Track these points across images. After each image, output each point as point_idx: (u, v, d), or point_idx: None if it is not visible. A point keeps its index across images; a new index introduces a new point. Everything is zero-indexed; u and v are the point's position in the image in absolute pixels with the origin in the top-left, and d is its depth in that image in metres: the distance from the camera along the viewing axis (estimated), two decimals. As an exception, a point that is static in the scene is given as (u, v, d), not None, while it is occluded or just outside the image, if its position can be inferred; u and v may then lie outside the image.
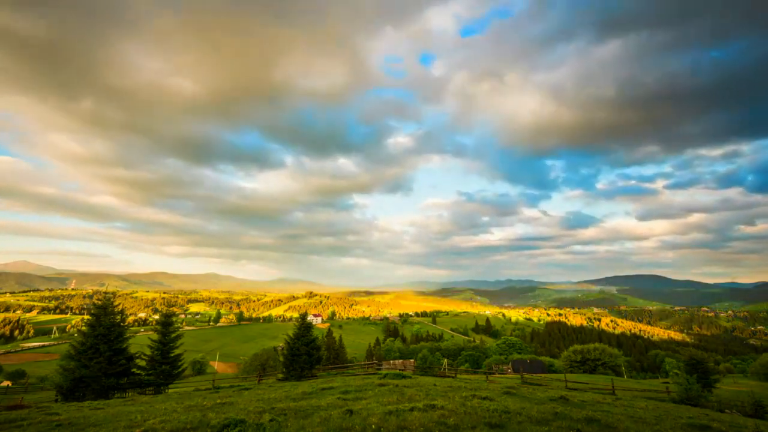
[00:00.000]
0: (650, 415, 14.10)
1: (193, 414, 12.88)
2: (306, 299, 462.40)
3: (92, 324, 28.14)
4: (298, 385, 25.17)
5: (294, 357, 34.41)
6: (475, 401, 13.79)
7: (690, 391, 23.70)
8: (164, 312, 33.82)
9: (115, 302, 30.43)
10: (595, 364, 66.51)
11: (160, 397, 22.85)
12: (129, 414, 14.20)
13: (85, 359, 26.31)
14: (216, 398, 18.32)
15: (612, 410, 14.50)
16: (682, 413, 16.18)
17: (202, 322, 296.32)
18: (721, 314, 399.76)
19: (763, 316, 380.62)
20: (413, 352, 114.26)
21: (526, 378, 34.40)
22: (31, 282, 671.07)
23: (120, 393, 27.94)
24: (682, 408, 19.51)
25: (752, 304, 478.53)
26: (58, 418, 13.66)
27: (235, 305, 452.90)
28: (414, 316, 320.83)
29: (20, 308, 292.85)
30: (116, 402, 20.54)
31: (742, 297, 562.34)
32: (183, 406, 15.62)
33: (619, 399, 20.88)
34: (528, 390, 20.12)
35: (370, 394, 15.99)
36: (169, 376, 30.63)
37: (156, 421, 11.75)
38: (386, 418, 10.94)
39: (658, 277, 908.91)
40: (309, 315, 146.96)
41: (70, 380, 25.46)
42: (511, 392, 17.94)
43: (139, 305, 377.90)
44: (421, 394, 15.82)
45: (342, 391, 17.57)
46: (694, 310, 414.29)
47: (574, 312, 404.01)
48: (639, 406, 17.08)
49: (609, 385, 30.86)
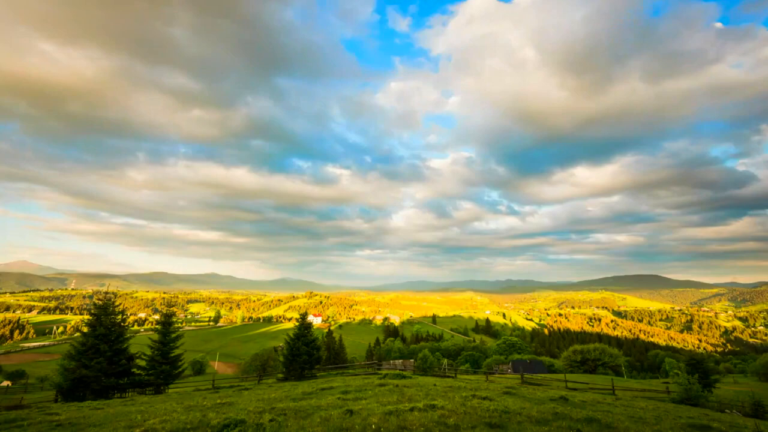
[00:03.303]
0: (650, 415, 14.10)
1: (193, 414, 12.89)
2: (306, 299, 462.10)
3: (92, 324, 28.15)
4: (298, 385, 25.18)
5: (294, 357, 34.42)
6: (475, 401, 13.79)
7: (690, 391, 23.69)
8: (164, 312, 33.79)
9: (116, 302, 30.44)
10: (595, 364, 66.54)
11: (160, 397, 22.86)
12: (129, 414, 14.21)
13: (86, 359, 26.32)
14: (216, 398, 18.34)
15: (612, 410, 14.50)
16: (682, 413, 16.18)
17: (202, 322, 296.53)
18: (720, 314, 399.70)
19: (763, 316, 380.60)
20: (413, 352, 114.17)
21: (526, 378, 34.38)
22: (31, 282, 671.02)
23: (120, 393, 27.95)
24: (682, 408, 19.51)
25: (752, 304, 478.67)
26: (58, 418, 13.67)
27: (235, 305, 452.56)
28: (414, 315, 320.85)
29: (20, 308, 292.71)
30: (116, 402, 20.55)
31: (742, 297, 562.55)
32: (183, 406, 15.63)
33: (619, 399, 20.87)
34: (528, 390, 20.12)
35: (370, 394, 15.99)
36: (169, 376, 30.61)
37: (156, 421, 11.75)
38: (386, 418, 10.94)
39: (658, 277, 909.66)
40: (309, 315, 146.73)
41: (70, 380, 25.47)
42: (511, 392, 17.94)
43: (139, 305, 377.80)
44: (421, 394, 15.83)
45: (342, 391, 17.57)
46: (694, 310, 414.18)
47: (575, 312, 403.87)
48: (639, 406, 17.08)
49: (609, 385, 30.86)
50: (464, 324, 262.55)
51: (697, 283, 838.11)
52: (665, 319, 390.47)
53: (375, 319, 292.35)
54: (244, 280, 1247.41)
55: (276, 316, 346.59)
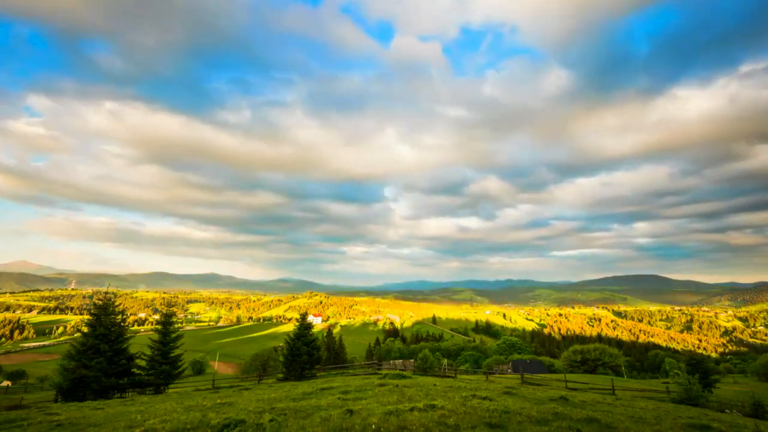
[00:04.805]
0: (650, 415, 14.10)
1: (193, 414, 12.90)
2: (306, 299, 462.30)
3: (92, 324, 28.15)
4: (298, 385, 25.20)
5: (294, 357, 34.41)
6: (475, 401, 13.79)
7: (690, 391, 23.68)
8: (164, 312, 33.70)
9: (116, 302, 30.43)
10: (595, 364, 66.53)
11: (159, 397, 22.88)
12: (129, 414, 14.22)
13: (86, 359, 26.32)
14: (216, 398, 18.35)
15: (612, 410, 14.50)
16: (682, 413, 16.18)
17: (202, 322, 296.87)
18: (720, 314, 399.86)
19: (763, 316, 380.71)
20: (413, 352, 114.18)
21: (526, 378, 34.37)
22: (31, 282, 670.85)
23: (120, 393, 27.95)
24: (682, 408, 19.50)
25: (752, 304, 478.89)
26: (58, 418, 13.68)
27: (235, 305, 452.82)
28: (414, 315, 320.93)
29: (20, 308, 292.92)
30: (116, 402, 20.57)
31: (742, 297, 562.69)
32: (183, 406, 15.64)
33: (619, 399, 20.88)
34: (528, 390, 20.12)
35: (370, 394, 16.00)
36: (169, 376, 30.59)
37: (156, 421, 11.76)
38: (386, 418, 10.94)
39: (658, 277, 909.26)
40: (309, 315, 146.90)
41: (70, 380, 25.47)
42: (511, 392, 17.94)
43: (139, 305, 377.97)
44: (421, 394, 15.83)
45: (342, 391, 17.58)
46: (694, 310, 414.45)
47: (575, 312, 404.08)
48: (639, 406, 17.08)
49: (609, 385, 30.85)
50: (464, 324, 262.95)
51: (697, 283, 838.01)
52: (665, 319, 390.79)
53: (375, 319, 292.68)
54: (244, 280, 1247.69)
55: (276, 316, 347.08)
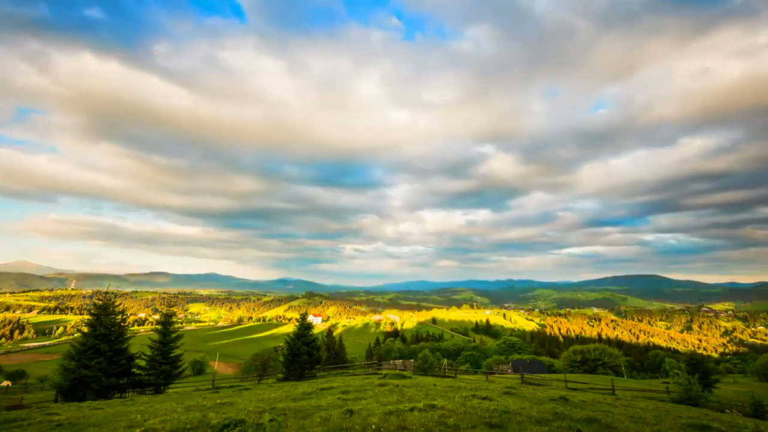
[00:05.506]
0: (650, 415, 14.10)
1: (193, 414, 12.90)
2: (306, 299, 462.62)
3: (93, 324, 28.11)
4: (298, 385, 25.20)
5: (294, 357, 34.40)
6: (475, 401, 13.79)
7: (690, 391, 23.68)
8: (164, 312, 33.67)
9: (116, 302, 30.39)
10: (595, 364, 66.50)
11: (159, 397, 22.87)
12: (129, 414, 14.22)
13: (86, 359, 26.30)
14: (216, 398, 18.34)
15: (612, 410, 14.50)
16: (682, 413, 16.18)
17: (202, 322, 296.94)
18: (720, 314, 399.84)
19: (763, 316, 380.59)
20: (413, 352, 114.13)
21: (526, 378, 34.38)
22: (31, 282, 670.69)
23: (120, 393, 27.93)
24: (682, 408, 19.50)
25: (752, 304, 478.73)
26: (58, 418, 13.68)
27: (235, 305, 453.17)
28: (413, 315, 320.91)
29: (20, 308, 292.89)
30: (116, 402, 20.57)
31: (742, 297, 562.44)
32: (183, 406, 15.63)
33: (619, 399, 20.87)
34: (528, 390, 20.12)
35: (370, 394, 16.00)
36: (169, 376, 30.56)
37: (156, 421, 11.76)
38: (386, 418, 10.95)
39: (658, 277, 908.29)
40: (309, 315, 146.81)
41: (70, 380, 25.46)
42: (511, 392, 17.94)
43: (139, 305, 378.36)
44: (421, 394, 15.83)
45: (342, 391, 17.58)
46: (694, 310, 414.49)
47: (575, 312, 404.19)
48: (639, 406, 17.08)
49: (609, 385, 30.85)
50: (464, 324, 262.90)
51: (697, 283, 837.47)
52: (665, 319, 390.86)
53: (375, 319, 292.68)
54: (244, 280, 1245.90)
55: (276, 316, 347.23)
